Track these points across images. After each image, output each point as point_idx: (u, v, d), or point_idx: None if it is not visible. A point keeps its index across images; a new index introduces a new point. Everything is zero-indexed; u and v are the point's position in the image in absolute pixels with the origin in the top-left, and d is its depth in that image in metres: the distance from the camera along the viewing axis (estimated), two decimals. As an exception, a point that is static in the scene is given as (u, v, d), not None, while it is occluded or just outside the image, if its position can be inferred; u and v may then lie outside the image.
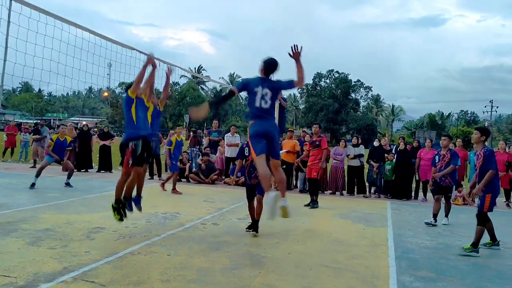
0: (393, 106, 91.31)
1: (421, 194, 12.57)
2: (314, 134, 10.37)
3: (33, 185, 10.19)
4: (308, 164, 10.35)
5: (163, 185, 11.58)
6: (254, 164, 5.87)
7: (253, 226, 6.96)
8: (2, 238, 5.78)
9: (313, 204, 9.91)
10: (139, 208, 6.61)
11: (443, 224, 8.48)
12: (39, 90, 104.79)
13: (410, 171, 12.34)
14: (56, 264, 4.80)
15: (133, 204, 6.46)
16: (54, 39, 5.71)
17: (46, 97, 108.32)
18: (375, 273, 5.17)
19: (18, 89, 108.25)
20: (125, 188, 6.22)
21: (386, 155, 12.49)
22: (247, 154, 7.02)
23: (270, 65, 5.27)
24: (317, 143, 10.08)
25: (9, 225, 6.54)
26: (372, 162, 12.46)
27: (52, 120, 74.70)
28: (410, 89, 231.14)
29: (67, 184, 10.94)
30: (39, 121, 19.60)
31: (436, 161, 8.72)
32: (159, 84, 7.31)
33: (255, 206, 6.98)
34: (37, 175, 10.45)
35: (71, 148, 11.59)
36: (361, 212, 9.55)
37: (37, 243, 5.64)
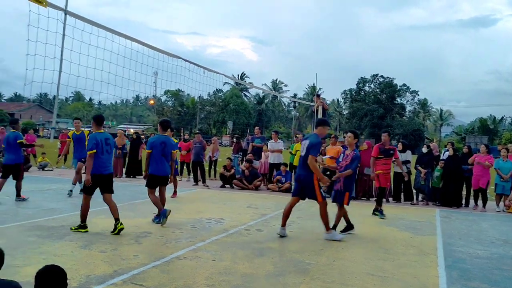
0: (441, 110, 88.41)
1: (471, 201, 12.07)
2: (385, 143, 10.07)
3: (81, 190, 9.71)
4: (378, 172, 10.03)
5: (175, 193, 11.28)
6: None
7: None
8: (57, 241, 6.06)
9: (381, 212, 9.54)
10: None
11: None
12: (90, 99, 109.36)
13: (460, 178, 11.89)
14: (107, 267, 4.98)
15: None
16: (105, 50, 5.98)
17: (96, 105, 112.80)
18: (424, 283, 5.02)
19: (71, 98, 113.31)
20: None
21: (435, 162, 12.11)
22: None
23: None
24: (391, 152, 9.89)
25: (63, 229, 6.85)
26: (419, 168, 12.12)
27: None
28: (460, 92, 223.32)
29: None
30: (90, 129, 20.36)
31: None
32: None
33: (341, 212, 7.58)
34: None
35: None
36: (408, 219, 9.30)
37: (89, 246, 5.87)
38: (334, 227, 7.42)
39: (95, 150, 6.43)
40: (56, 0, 5.07)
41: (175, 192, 11.19)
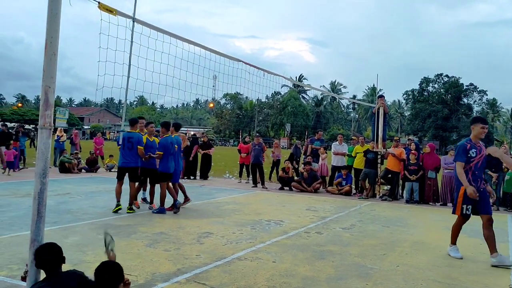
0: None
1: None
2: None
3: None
4: None
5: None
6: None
7: None
8: (124, 239, 6.33)
9: None
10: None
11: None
12: (153, 103, 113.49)
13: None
14: (171, 266, 5.14)
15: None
16: (169, 55, 6.19)
17: (158, 109, 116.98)
18: (496, 293, 4.74)
19: (135, 103, 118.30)
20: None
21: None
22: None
23: None
24: None
25: (129, 227, 7.15)
26: (490, 173, 11.47)
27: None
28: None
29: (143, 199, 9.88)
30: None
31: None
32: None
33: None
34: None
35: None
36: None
37: (154, 245, 6.09)
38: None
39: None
40: (123, 8, 5.34)
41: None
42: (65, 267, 3.08)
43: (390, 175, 12.54)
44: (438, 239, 7.44)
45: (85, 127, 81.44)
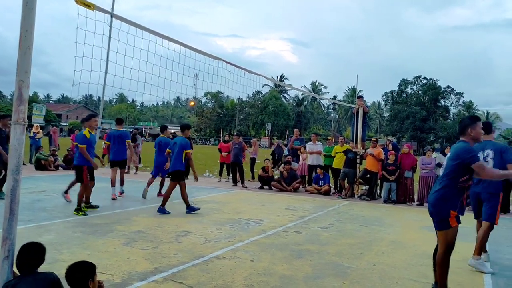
0: (487, 113, 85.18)
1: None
2: None
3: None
4: None
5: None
6: None
7: None
8: (100, 238, 6.25)
9: None
10: None
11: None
12: (133, 101, 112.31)
13: (507, 184, 11.38)
14: (148, 264, 5.09)
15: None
16: (148, 52, 6.12)
17: (138, 107, 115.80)
18: (469, 291, 4.84)
19: (114, 100, 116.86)
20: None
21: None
22: None
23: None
24: None
25: (107, 226, 7.06)
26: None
27: (143, 129, 79.52)
28: (508, 94, 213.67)
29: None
30: (133, 130, 20.91)
31: None
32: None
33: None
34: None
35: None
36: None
37: (131, 244, 6.02)
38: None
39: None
40: (103, 4, 5.26)
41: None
42: (40, 266, 3.03)
43: (368, 175, 12.68)
44: (415, 239, 7.56)
45: (63, 124, 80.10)
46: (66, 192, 9.11)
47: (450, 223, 4.34)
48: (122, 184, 10.71)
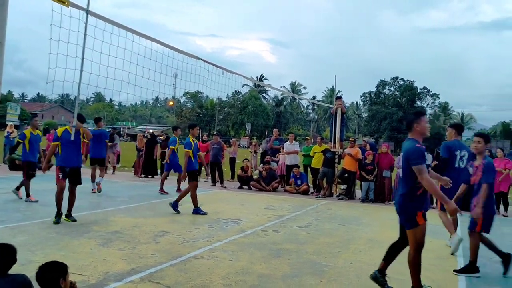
0: (462, 114, 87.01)
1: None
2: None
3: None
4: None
5: (179, 189, 12.15)
6: None
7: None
8: (76, 239, 6.15)
9: None
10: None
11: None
12: (110, 100, 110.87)
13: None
14: (125, 265, 5.03)
15: None
16: (125, 50, 6.05)
17: (116, 106, 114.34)
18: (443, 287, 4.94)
19: (92, 99, 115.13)
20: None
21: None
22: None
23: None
24: None
25: (83, 226, 6.95)
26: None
27: (121, 129, 78.57)
28: (482, 96, 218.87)
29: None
30: (111, 130, 20.65)
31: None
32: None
33: None
34: None
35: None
36: (428, 223, 9.14)
37: (108, 244, 5.94)
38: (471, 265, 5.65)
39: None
40: (79, 0, 5.17)
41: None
42: (13, 268, 2.96)
43: (346, 175, 12.80)
44: (391, 237, 7.62)
45: (38, 123, 78.46)
46: (18, 189, 9.30)
47: (418, 221, 4.40)
48: (101, 176, 11.23)
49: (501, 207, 11.49)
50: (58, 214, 7.15)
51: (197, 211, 8.81)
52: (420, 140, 4.44)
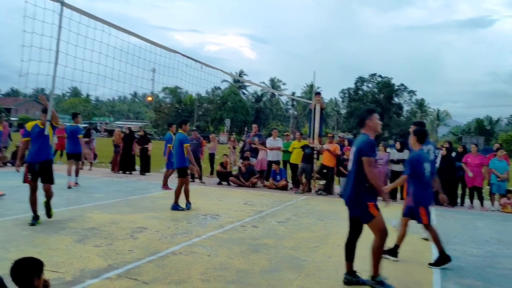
0: (438, 111, 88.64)
1: (467, 201, 12.10)
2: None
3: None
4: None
5: (165, 185, 12.00)
6: None
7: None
8: (52, 236, 6.03)
9: None
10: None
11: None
12: (87, 95, 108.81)
13: (455, 178, 11.90)
14: (101, 262, 4.96)
15: None
16: (102, 43, 5.94)
17: (93, 101, 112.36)
18: (418, 280, 5.04)
19: (68, 94, 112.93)
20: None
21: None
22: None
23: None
24: None
25: (58, 223, 6.82)
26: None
27: (98, 124, 77.41)
28: (457, 93, 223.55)
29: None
30: (87, 125, 20.30)
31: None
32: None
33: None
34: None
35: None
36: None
37: (84, 241, 5.85)
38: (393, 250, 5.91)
39: None
40: (53, -7, 5.05)
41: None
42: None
43: (325, 170, 12.90)
44: (369, 231, 7.75)
45: (12, 118, 76.67)
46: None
47: (372, 213, 4.52)
48: (77, 174, 11.26)
49: (476, 202, 11.76)
50: (35, 217, 6.69)
51: (176, 207, 8.76)
52: (372, 136, 4.68)
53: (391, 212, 6.39)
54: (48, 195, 6.95)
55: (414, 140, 5.82)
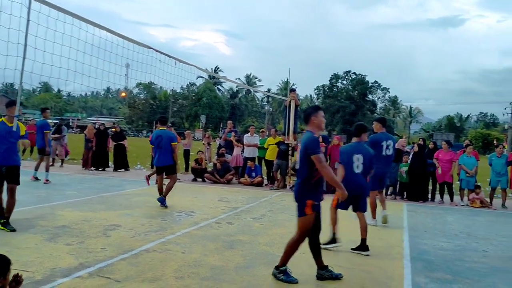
0: (410, 108, 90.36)
1: (437, 196, 12.39)
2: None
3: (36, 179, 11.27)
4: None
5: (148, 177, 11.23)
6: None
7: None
8: (21, 234, 5.88)
9: None
10: None
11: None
12: (58, 90, 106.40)
13: (426, 173, 12.17)
14: (73, 260, 4.87)
15: None
16: (72, 37, 5.81)
17: (65, 97, 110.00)
18: (390, 274, 5.13)
19: (38, 89, 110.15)
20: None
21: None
22: None
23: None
24: None
25: (27, 221, 6.66)
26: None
27: (70, 120, 75.85)
28: (429, 91, 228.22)
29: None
30: (58, 121, 19.83)
31: None
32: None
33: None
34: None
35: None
36: (377, 213, 9.45)
37: (54, 239, 5.73)
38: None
39: None
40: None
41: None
42: None
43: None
44: (342, 227, 7.84)
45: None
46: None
47: (306, 211, 4.60)
48: (47, 170, 11.14)
49: (446, 198, 12.05)
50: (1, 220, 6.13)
51: (162, 200, 8.79)
52: (317, 133, 4.72)
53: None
54: (12, 199, 6.15)
55: (378, 126, 7.60)
